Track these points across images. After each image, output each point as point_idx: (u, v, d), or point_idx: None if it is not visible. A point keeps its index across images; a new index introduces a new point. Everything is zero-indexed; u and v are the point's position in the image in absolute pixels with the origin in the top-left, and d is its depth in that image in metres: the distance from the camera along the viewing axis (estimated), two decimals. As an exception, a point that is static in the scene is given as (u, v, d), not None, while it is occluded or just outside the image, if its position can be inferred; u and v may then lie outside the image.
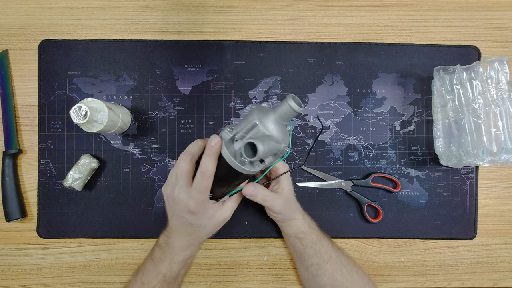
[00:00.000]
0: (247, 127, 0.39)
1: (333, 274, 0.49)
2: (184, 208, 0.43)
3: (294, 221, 0.50)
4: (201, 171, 0.41)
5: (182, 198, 0.42)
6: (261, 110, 0.41)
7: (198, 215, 0.43)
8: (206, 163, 0.41)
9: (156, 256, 0.47)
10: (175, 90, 0.57)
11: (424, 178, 0.58)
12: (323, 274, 0.49)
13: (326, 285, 0.49)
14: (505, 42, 0.59)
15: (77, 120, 0.44)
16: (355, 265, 0.52)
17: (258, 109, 0.41)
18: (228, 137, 0.41)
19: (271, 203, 0.46)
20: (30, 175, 0.57)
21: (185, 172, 0.42)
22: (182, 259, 0.47)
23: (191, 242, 0.47)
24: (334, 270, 0.49)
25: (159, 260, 0.46)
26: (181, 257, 0.46)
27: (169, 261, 0.46)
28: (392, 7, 0.59)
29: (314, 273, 0.50)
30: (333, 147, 0.58)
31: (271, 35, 0.58)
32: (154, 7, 0.58)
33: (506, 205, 0.59)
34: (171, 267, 0.46)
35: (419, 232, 0.58)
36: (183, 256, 0.47)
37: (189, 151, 0.43)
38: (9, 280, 0.56)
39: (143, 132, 0.57)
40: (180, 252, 0.46)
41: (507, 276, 0.59)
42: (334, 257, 0.50)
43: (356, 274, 0.51)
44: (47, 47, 0.57)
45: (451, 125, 0.53)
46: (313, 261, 0.50)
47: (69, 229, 0.56)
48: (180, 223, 0.45)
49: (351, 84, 0.58)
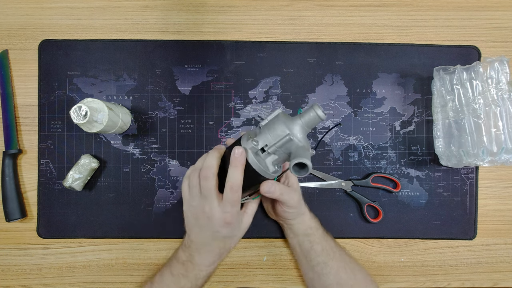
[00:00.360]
0: (282, 141, 0.39)
1: (338, 272, 0.49)
2: (220, 222, 0.42)
3: (304, 216, 0.50)
4: (231, 185, 0.40)
5: (216, 214, 0.42)
6: (286, 118, 0.40)
7: (233, 226, 0.43)
8: (234, 176, 0.40)
9: (177, 272, 0.46)
10: (175, 90, 0.57)
11: (424, 178, 0.58)
12: (328, 272, 0.49)
13: (332, 284, 0.49)
14: (505, 42, 0.59)
15: (77, 120, 0.44)
16: (357, 264, 0.52)
17: (284, 117, 0.40)
18: (255, 149, 0.40)
19: (288, 197, 0.46)
20: (30, 175, 0.57)
21: (213, 189, 0.41)
22: (208, 273, 0.47)
23: (220, 255, 0.46)
24: (339, 268, 0.49)
25: (181, 276, 0.45)
26: (206, 272, 0.46)
27: (194, 277, 0.45)
28: (392, 7, 0.59)
29: (319, 272, 0.50)
30: (333, 147, 0.58)
31: (271, 35, 0.58)
32: (154, 7, 0.58)
33: (506, 205, 0.59)
34: (197, 282, 0.46)
35: (419, 232, 0.58)
36: (209, 270, 0.46)
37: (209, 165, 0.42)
38: (9, 280, 0.56)
39: (143, 132, 0.57)
40: (206, 268, 0.46)
41: (507, 276, 0.59)
42: (338, 255, 0.50)
43: (359, 272, 0.51)
44: (47, 47, 0.57)
45: (451, 125, 0.53)
46: (319, 260, 0.50)
47: (69, 229, 0.56)
48: (211, 239, 0.44)
49: (351, 84, 0.58)
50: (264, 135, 0.40)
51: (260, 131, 0.41)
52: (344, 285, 0.49)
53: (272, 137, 0.39)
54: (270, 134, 0.40)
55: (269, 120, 0.41)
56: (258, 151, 0.40)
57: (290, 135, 0.38)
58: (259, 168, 0.40)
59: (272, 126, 0.40)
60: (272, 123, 0.40)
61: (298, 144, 0.39)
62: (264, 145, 0.40)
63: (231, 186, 0.40)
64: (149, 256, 0.57)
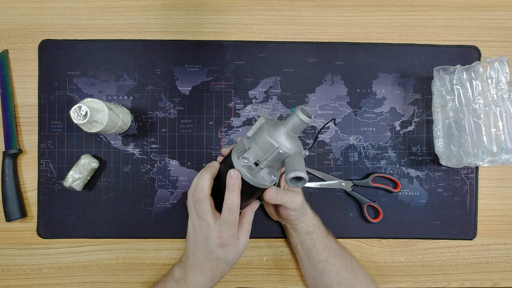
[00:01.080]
0: (272, 155, 0.38)
1: (339, 271, 0.49)
2: (215, 242, 0.42)
3: (307, 215, 0.51)
4: (228, 207, 0.41)
5: (212, 232, 0.42)
6: (271, 128, 0.39)
7: (229, 247, 0.43)
8: (231, 198, 0.40)
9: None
10: (175, 90, 0.57)
11: (424, 178, 0.58)
12: (330, 270, 0.49)
13: (333, 282, 0.49)
14: (505, 42, 0.59)
15: (77, 120, 0.44)
16: (358, 263, 0.52)
17: (268, 127, 0.39)
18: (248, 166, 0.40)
19: (290, 201, 0.45)
20: (30, 175, 0.57)
21: (206, 210, 0.42)
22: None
23: (214, 277, 0.46)
24: (340, 266, 0.50)
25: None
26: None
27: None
28: (392, 7, 0.59)
29: (321, 270, 0.50)
30: (333, 147, 0.58)
31: (271, 35, 0.58)
32: (154, 7, 0.58)
33: (506, 205, 0.59)
34: None
35: (419, 232, 0.58)
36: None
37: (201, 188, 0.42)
38: (9, 280, 0.56)
39: (143, 132, 0.57)
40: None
41: (507, 276, 0.59)
42: (339, 253, 0.51)
43: (359, 271, 0.51)
44: (47, 47, 0.57)
45: (451, 125, 0.53)
46: (321, 257, 0.50)
47: (69, 229, 0.56)
48: (205, 258, 0.44)
49: (351, 84, 0.58)
50: (253, 150, 0.39)
51: (248, 145, 0.40)
52: (345, 283, 0.49)
53: (262, 151, 0.39)
54: (258, 148, 0.39)
55: (254, 131, 0.40)
56: (251, 166, 0.40)
57: (279, 148, 0.37)
58: (256, 182, 0.40)
59: (259, 140, 0.39)
60: (259, 136, 0.39)
61: (289, 154, 0.38)
62: (256, 160, 0.40)
63: (229, 208, 0.41)
64: (149, 256, 0.57)
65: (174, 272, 0.47)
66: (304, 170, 0.35)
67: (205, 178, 0.42)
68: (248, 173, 0.40)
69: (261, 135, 0.39)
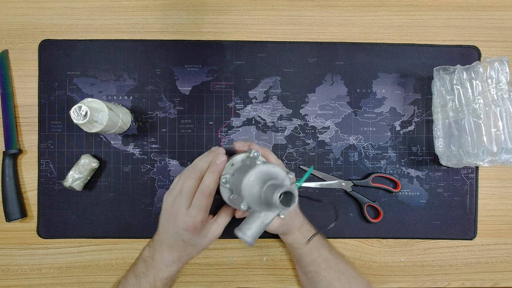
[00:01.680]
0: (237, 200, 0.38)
1: (331, 281, 0.48)
2: (181, 225, 0.41)
3: (290, 235, 0.49)
4: (201, 188, 0.41)
5: (181, 215, 0.41)
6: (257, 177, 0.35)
7: (195, 234, 0.42)
8: (207, 180, 0.40)
9: (139, 271, 0.44)
10: (175, 90, 0.57)
11: (424, 178, 0.58)
12: (320, 280, 0.49)
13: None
14: (505, 42, 0.59)
15: (77, 120, 0.44)
16: (354, 271, 0.51)
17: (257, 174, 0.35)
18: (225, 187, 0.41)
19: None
20: (30, 175, 0.57)
21: (189, 189, 0.41)
22: (167, 275, 0.44)
23: (180, 258, 0.45)
24: (332, 277, 0.48)
25: (142, 275, 0.44)
26: (166, 273, 0.44)
27: (153, 277, 0.44)
28: (392, 7, 0.59)
29: (312, 279, 0.49)
30: (333, 147, 0.58)
31: (271, 35, 0.58)
32: (154, 7, 0.58)
33: (506, 205, 0.59)
34: (155, 284, 0.44)
35: (419, 232, 0.58)
36: (168, 272, 0.44)
37: (197, 167, 0.42)
38: (9, 280, 0.56)
39: (143, 132, 0.57)
40: (166, 268, 0.44)
41: (507, 276, 0.59)
42: (332, 264, 0.49)
43: (354, 281, 0.50)
44: (47, 47, 0.57)
45: (451, 125, 0.53)
46: (310, 268, 0.49)
47: (69, 229, 0.56)
48: (173, 239, 0.43)
49: (351, 84, 0.58)
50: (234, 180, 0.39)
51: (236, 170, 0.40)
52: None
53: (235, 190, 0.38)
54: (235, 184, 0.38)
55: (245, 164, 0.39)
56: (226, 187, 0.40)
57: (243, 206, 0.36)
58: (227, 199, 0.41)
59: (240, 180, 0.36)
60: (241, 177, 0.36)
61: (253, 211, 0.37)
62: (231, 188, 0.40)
63: (202, 190, 0.41)
64: (149, 256, 0.57)
65: (144, 252, 0.46)
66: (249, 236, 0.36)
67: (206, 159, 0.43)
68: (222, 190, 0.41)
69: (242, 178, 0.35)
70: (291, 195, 0.32)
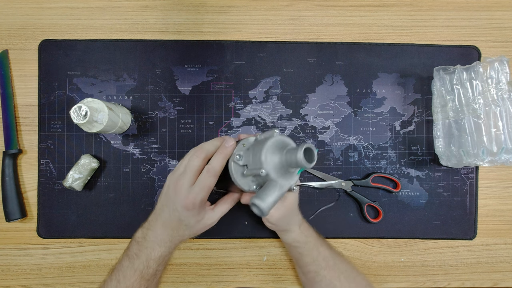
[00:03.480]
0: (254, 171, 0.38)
1: (331, 281, 0.48)
2: (181, 201, 0.42)
3: (290, 233, 0.49)
4: (208, 167, 0.41)
5: (183, 191, 0.42)
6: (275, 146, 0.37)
7: (191, 213, 0.43)
8: (215, 161, 0.41)
9: (132, 252, 0.45)
10: (175, 90, 0.57)
11: (424, 178, 0.58)
12: (320, 280, 0.49)
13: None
14: (505, 42, 0.59)
15: (77, 120, 0.44)
16: (354, 271, 0.51)
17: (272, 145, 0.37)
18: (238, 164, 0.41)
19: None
20: (30, 175, 0.57)
21: (195, 167, 0.42)
22: (160, 255, 0.44)
23: (172, 238, 0.45)
24: (332, 277, 0.48)
25: (135, 256, 0.44)
26: (158, 253, 0.44)
27: (146, 257, 0.44)
28: (392, 7, 0.59)
29: (311, 279, 0.49)
30: (333, 147, 0.58)
31: (271, 35, 0.58)
32: (154, 7, 0.58)
33: (506, 205, 0.59)
34: (148, 264, 0.44)
35: (419, 232, 0.58)
36: (160, 252, 0.44)
37: (204, 148, 0.43)
38: (9, 280, 0.56)
39: (143, 132, 0.57)
40: (158, 248, 0.44)
41: (507, 276, 0.59)
42: (331, 264, 0.49)
43: (353, 280, 0.50)
44: (47, 47, 0.57)
45: (451, 125, 0.53)
46: (310, 268, 0.49)
47: (69, 229, 0.56)
48: (169, 215, 0.44)
49: (351, 84, 0.58)
50: (248, 155, 0.40)
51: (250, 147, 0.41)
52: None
53: (252, 161, 0.39)
54: (251, 156, 0.39)
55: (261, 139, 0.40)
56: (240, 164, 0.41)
57: (261, 170, 0.37)
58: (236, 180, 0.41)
59: (257, 151, 0.38)
60: (258, 148, 0.38)
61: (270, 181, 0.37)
62: (244, 164, 0.40)
63: (209, 169, 0.41)
64: (149, 256, 0.57)
65: (136, 234, 0.46)
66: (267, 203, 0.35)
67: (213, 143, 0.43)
68: (234, 168, 0.41)
69: (260, 148, 0.38)
70: (311, 152, 0.35)
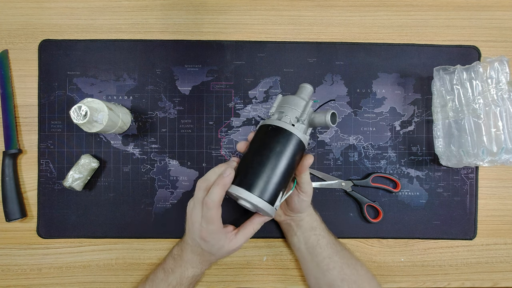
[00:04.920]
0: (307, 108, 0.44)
1: (342, 267, 0.50)
2: (197, 233, 0.44)
3: (311, 208, 0.52)
4: (205, 200, 0.41)
5: (196, 224, 0.43)
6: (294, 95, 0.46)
7: (210, 244, 0.44)
8: (213, 193, 0.41)
9: (168, 267, 0.48)
10: (175, 90, 0.57)
11: (424, 178, 0.58)
12: (333, 267, 0.49)
13: (336, 280, 0.49)
14: (505, 42, 0.59)
15: (77, 120, 0.44)
16: (357, 259, 0.53)
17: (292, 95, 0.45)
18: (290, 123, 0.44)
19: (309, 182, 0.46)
20: (30, 175, 0.57)
21: (201, 199, 0.42)
22: (193, 275, 0.47)
23: (201, 261, 0.47)
24: (342, 263, 0.50)
25: (171, 271, 0.47)
26: (191, 273, 0.47)
27: (180, 274, 0.47)
28: (392, 7, 0.59)
29: (325, 268, 0.50)
30: (333, 147, 0.58)
31: (271, 35, 0.58)
32: (154, 7, 0.58)
33: (506, 205, 0.59)
34: (182, 281, 0.47)
35: (419, 232, 0.58)
36: (194, 272, 0.47)
37: (206, 179, 0.43)
38: (9, 280, 0.56)
39: (143, 132, 0.57)
40: (191, 268, 0.47)
41: (507, 276, 0.59)
42: (339, 249, 0.51)
43: (360, 268, 0.51)
44: (47, 47, 0.57)
45: (451, 125, 0.53)
46: (325, 254, 0.50)
47: (69, 229, 0.56)
48: (192, 243, 0.46)
49: (351, 84, 0.58)
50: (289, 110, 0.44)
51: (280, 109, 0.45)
52: (348, 280, 0.49)
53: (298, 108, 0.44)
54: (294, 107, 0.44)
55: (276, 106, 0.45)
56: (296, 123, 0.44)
57: (307, 103, 0.44)
58: (303, 137, 0.43)
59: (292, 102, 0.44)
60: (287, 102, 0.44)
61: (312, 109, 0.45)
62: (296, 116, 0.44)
63: (206, 202, 0.41)
64: (149, 256, 0.57)
65: (173, 251, 0.50)
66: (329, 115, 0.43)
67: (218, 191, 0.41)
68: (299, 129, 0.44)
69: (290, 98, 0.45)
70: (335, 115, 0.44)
